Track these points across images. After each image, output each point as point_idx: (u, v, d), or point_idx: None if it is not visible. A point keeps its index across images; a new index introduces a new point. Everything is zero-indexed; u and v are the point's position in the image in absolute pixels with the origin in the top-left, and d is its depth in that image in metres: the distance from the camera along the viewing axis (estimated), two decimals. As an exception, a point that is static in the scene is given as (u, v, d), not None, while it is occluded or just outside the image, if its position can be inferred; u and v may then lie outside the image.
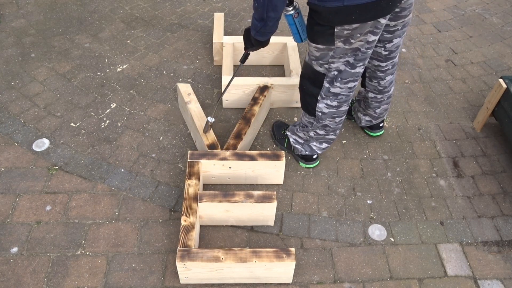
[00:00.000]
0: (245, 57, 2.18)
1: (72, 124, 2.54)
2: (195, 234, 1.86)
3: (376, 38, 1.77)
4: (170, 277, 1.90)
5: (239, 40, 2.91)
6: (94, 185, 2.24)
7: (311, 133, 2.20)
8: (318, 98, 2.01)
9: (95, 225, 2.07)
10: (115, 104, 2.68)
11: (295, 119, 2.66)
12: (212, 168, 2.17)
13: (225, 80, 2.59)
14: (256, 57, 2.98)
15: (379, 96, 2.28)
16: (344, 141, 2.54)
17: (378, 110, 2.35)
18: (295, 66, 2.73)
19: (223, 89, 2.58)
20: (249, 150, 2.44)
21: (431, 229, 2.13)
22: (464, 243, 2.09)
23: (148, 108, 2.67)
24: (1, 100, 2.65)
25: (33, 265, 1.91)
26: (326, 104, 2.01)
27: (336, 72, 1.88)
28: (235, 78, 2.63)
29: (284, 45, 2.92)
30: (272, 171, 2.21)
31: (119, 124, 2.56)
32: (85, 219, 2.09)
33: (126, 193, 2.22)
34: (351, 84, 1.93)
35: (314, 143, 2.25)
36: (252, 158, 2.16)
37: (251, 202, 1.97)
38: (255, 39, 1.93)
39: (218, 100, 2.29)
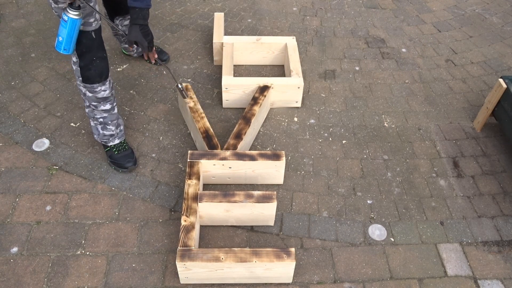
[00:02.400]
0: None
1: (72, 124, 2.54)
2: (195, 234, 1.86)
3: None
4: (170, 277, 1.90)
5: (239, 40, 2.91)
6: (94, 185, 2.24)
7: None
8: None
9: (95, 225, 2.07)
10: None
11: (295, 119, 2.66)
12: (212, 168, 2.17)
13: (225, 80, 2.59)
14: (256, 57, 2.99)
15: None
16: (344, 141, 2.54)
17: None
18: (295, 66, 2.73)
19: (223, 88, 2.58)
20: (249, 150, 2.44)
21: (431, 229, 2.13)
22: (464, 243, 2.09)
23: (148, 108, 2.67)
24: (1, 100, 2.65)
25: (33, 265, 1.91)
26: None
27: None
28: (236, 78, 2.63)
29: (284, 45, 2.92)
30: (272, 171, 2.21)
31: (119, 124, 2.56)
32: (85, 219, 2.09)
33: (126, 193, 2.21)
34: None
35: None
36: (252, 158, 2.16)
37: (251, 202, 1.97)
38: (147, 10, 1.95)
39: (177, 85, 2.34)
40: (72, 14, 1.77)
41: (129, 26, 1.99)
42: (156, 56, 2.16)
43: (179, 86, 2.26)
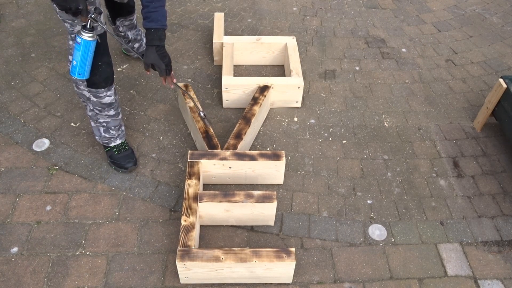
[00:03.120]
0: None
1: (72, 124, 2.54)
2: (195, 234, 1.86)
3: None
4: (170, 277, 1.90)
5: (239, 40, 2.91)
6: (94, 185, 2.24)
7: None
8: None
9: (95, 225, 2.07)
10: (115, 104, 2.68)
11: (295, 119, 2.66)
12: (212, 168, 2.17)
13: (225, 80, 2.59)
14: (256, 57, 2.99)
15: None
16: (344, 141, 2.54)
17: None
18: (295, 66, 2.73)
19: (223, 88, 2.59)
20: (249, 150, 2.44)
21: (431, 229, 2.13)
22: (464, 243, 2.09)
23: (148, 108, 2.67)
24: (1, 100, 2.65)
25: (33, 265, 1.91)
26: None
27: None
28: (236, 78, 2.63)
29: (284, 45, 2.92)
30: (272, 171, 2.21)
31: (119, 124, 2.56)
32: (85, 219, 2.09)
33: (126, 193, 2.21)
34: None
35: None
36: (252, 158, 2.16)
37: (251, 202, 1.97)
38: (164, 31, 1.93)
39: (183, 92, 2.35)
40: (86, 36, 1.73)
41: (145, 49, 1.96)
42: (174, 80, 2.10)
43: (201, 114, 2.25)
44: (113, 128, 2.23)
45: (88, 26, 1.73)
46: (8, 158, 2.33)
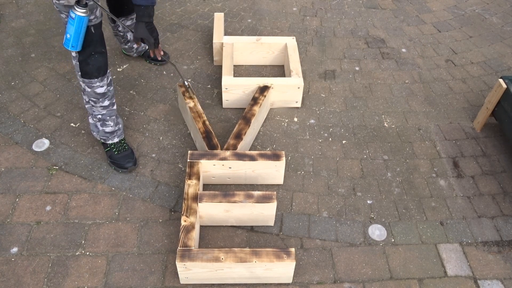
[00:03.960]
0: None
1: (72, 124, 2.54)
2: (195, 234, 1.86)
3: None
4: (170, 277, 1.90)
5: (239, 40, 2.91)
6: (94, 185, 2.24)
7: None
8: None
9: (95, 225, 2.07)
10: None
11: (295, 119, 2.66)
12: (212, 168, 2.17)
13: (225, 80, 2.59)
14: (256, 57, 2.99)
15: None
16: (344, 141, 2.54)
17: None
18: (295, 66, 2.73)
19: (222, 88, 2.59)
20: (249, 150, 2.44)
21: (431, 229, 2.13)
22: (464, 243, 2.09)
23: (148, 108, 2.67)
24: (1, 100, 2.65)
25: (33, 265, 1.91)
26: None
27: None
28: (236, 78, 2.63)
29: (284, 45, 2.92)
30: (272, 171, 2.21)
31: (119, 124, 2.56)
32: (85, 219, 2.09)
33: (126, 193, 2.22)
34: None
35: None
36: (252, 158, 2.16)
37: (251, 202, 1.97)
38: (153, 8, 2.00)
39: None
40: (79, 12, 1.82)
41: (135, 24, 2.03)
42: (162, 52, 2.20)
43: (186, 83, 2.29)
44: (108, 119, 2.24)
45: (81, 3, 1.81)
46: (8, 158, 2.33)
